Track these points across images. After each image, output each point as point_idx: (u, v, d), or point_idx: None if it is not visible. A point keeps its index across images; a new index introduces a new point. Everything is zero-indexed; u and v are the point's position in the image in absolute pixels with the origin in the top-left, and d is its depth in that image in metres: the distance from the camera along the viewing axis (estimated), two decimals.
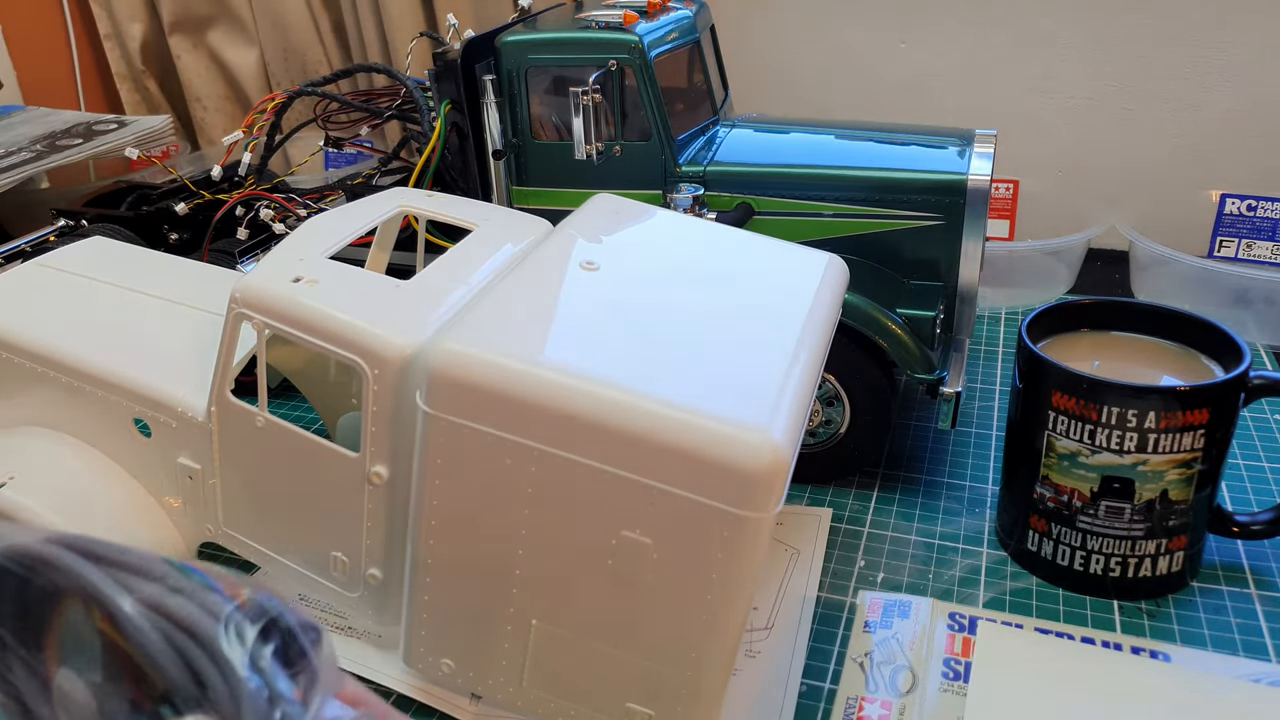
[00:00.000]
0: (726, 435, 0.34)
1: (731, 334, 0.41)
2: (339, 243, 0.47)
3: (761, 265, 0.47)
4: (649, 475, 0.35)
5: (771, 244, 0.50)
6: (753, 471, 0.34)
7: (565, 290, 0.42)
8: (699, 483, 0.35)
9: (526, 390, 0.36)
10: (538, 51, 0.61)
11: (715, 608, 0.37)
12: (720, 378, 0.37)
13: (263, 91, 1.22)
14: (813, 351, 0.41)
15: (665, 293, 0.43)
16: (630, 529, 0.37)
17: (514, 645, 0.41)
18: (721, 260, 0.47)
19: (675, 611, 0.38)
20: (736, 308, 0.43)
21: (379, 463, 0.42)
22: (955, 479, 0.62)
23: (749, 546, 0.36)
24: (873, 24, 1.04)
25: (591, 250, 0.46)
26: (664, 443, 0.35)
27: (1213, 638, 0.49)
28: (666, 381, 0.37)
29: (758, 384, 0.37)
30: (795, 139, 0.67)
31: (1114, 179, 1.00)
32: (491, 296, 0.41)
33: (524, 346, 0.38)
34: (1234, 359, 0.50)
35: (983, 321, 0.83)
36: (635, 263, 0.46)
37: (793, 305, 0.44)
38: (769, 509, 0.35)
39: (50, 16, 1.20)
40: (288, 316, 0.43)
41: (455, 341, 0.38)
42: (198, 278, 0.57)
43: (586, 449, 0.36)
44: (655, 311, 0.42)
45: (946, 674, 0.47)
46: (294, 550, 0.48)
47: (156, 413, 0.48)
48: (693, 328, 0.41)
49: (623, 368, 0.37)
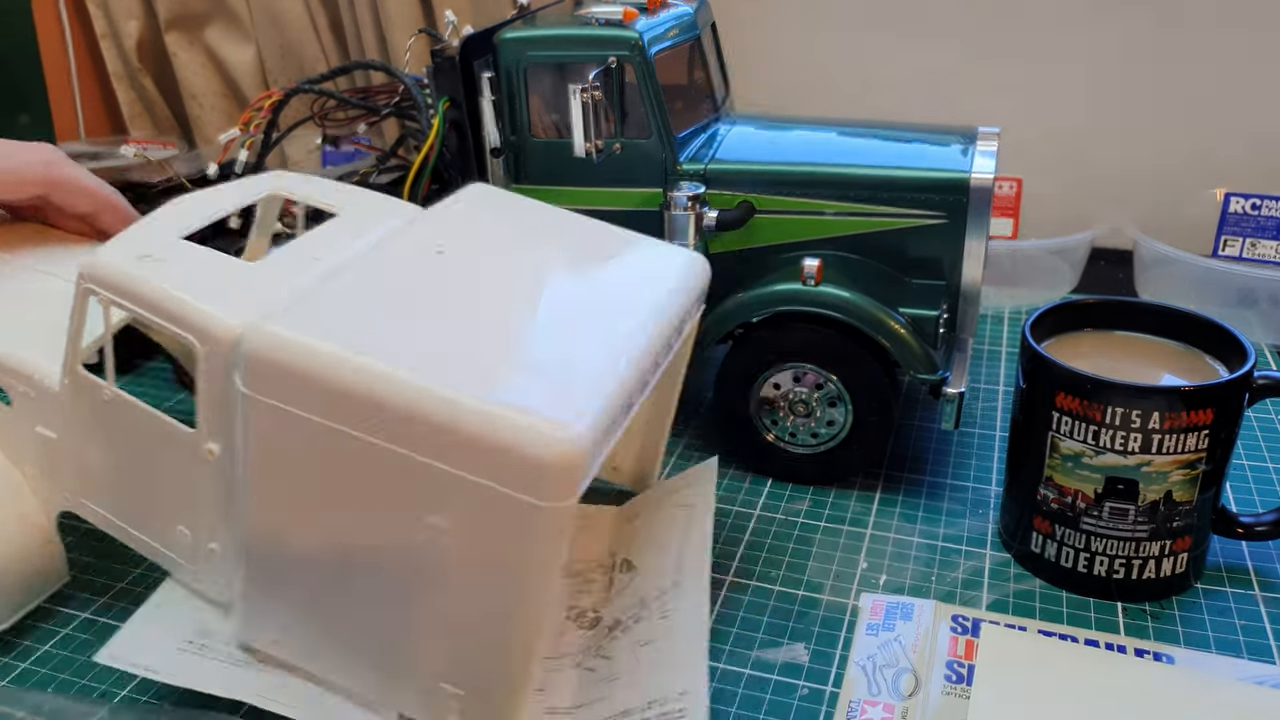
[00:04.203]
0: (524, 426, 0.35)
1: (562, 326, 0.42)
2: (199, 223, 0.48)
3: (618, 260, 0.49)
4: (449, 462, 0.36)
5: (636, 240, 0.51)
6: (548, 463, 0.35)
7: (406, 277, 0.44)
8: (496, 471, 0.36)
9: (336, 375, 0.37)
10: (537, 48, 0.61)
11: (517, 595, 0.38)
12: (536, 369, 0.39)
13: (260, 89, 1.22)
14: (645, 348, 0.42)
15: (509, 284, 0.45)
16: (434, 514, 0.38)
17: (332, 624, 0.42)
18: (578, 253, 0.49)
19: (479, 597, 0.39)
20: (577, 301, 0.44)
21: (212, 439, 0.43)
22: (958, 480, 0.62)
23: (548, 536, 0.37)
24: (874, 20, 1.03)
25: (446, 239, 0.47)
26: (463, 431, 0.36)
27: (1217, 640, 0.49)
28: (478, 371, 0.38)
29: (572, 377, 0.39)
30: (797, 137, 0.67)
31: (1118, 178, 0.99)
32: (332, 280, 0.43)
33: (345, 331, 0.39)
34: (1238, 359, 0.50)
35: (986, 321, 0.83)
36: (488, 253, 0.47)
37: (636, 301, 0.45)
38: (566, 500, 0.36)
39: (46, 14, 1.20)
40: (129, 292, 0.44)
41: (275, 324, 0.39)
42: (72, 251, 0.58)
43: (391, 435, 0.37)
44: (492, 301, 0.43)
45: (949, 677, 0.46)
46: (142, 521, 0.48)
47: (15, 381, 0.49)
48: (525, 318, 0.42)
49: (438, 356, 0.38)
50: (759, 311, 0.59)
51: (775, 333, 0.59)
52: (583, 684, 0.45)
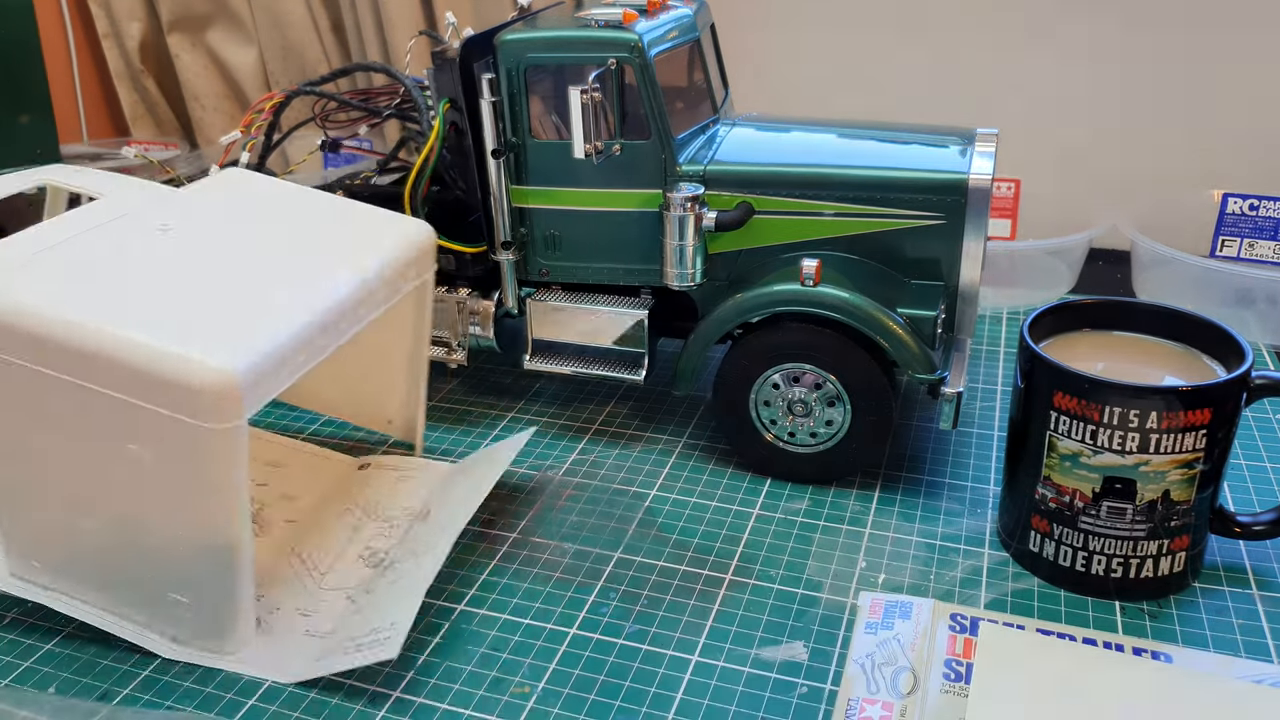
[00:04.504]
0: (186, 361, 0.44)
1: (255, 285, 0.50)
2: None
3: (340, 229, 0.57)
4: (135, 395, 0.44)
5: (367, 212, 0.60)
6: (205, 390, 0.43)
7: (122, 247, 0.51)
8: (168, 400, 0.44)
9: (38, 325, 0.45)
10: (537, 50, 0.61)
11: (209, 509, 0.46)
12: (212, 318, 0.47)
13: (261, 90, 1.22)
14: (335, 301, 0.51)
15: (222, 252, 0.53)
16: (132, 442, 0.46)
17: (74, 547, 0.50)
18: (303, 225, 0.57)
19: (180, 511, 0.47)
20: (281, 264, 0.53)
21: None
22: (956, 479, 0.62)
23: (221, 454, 0.45)
24: (875, 23, 1.03)
25: (176, 217, 0.55)
26: (140, 368, 0.44)
27: (1215, 639, 0.49)
28: (158, 320, 0.46)
29: (243, 324, 0.47)
30: (796, 138, 0.67)
31: (1116, 178, 0.99)
32: (63, 247, 0.50)
33: (53, 290, 0.46)
34: (1236, 359, 0.50)
35: (984, 321, 0.83)
36: (214, 227, 0.55)
37: (341, 263, 0.54)
38: (228, 422, 0.44)
39: (48, 15, 1.20)
40: None
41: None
42: None
43: (86, 374, 0.45)
44: (196, 267, 0.51)
45: (948, 675, 0.47)
46: None
47: None
48: (222, 279, 0.50)
49: (127, 309, 0.46)
50: (758, 312, 0.60)
51: (774, 333, 0.59)
52: (344, 613, 0.52)
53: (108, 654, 0.50)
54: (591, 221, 0.64)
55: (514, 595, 0.54)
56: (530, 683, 0.48)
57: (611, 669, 0.49)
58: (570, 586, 0.54)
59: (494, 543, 0.58)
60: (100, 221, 0.54)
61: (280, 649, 0.50)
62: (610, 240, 0.64)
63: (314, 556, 0.56)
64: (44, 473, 0.48)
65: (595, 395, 0.74)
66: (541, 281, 0.67)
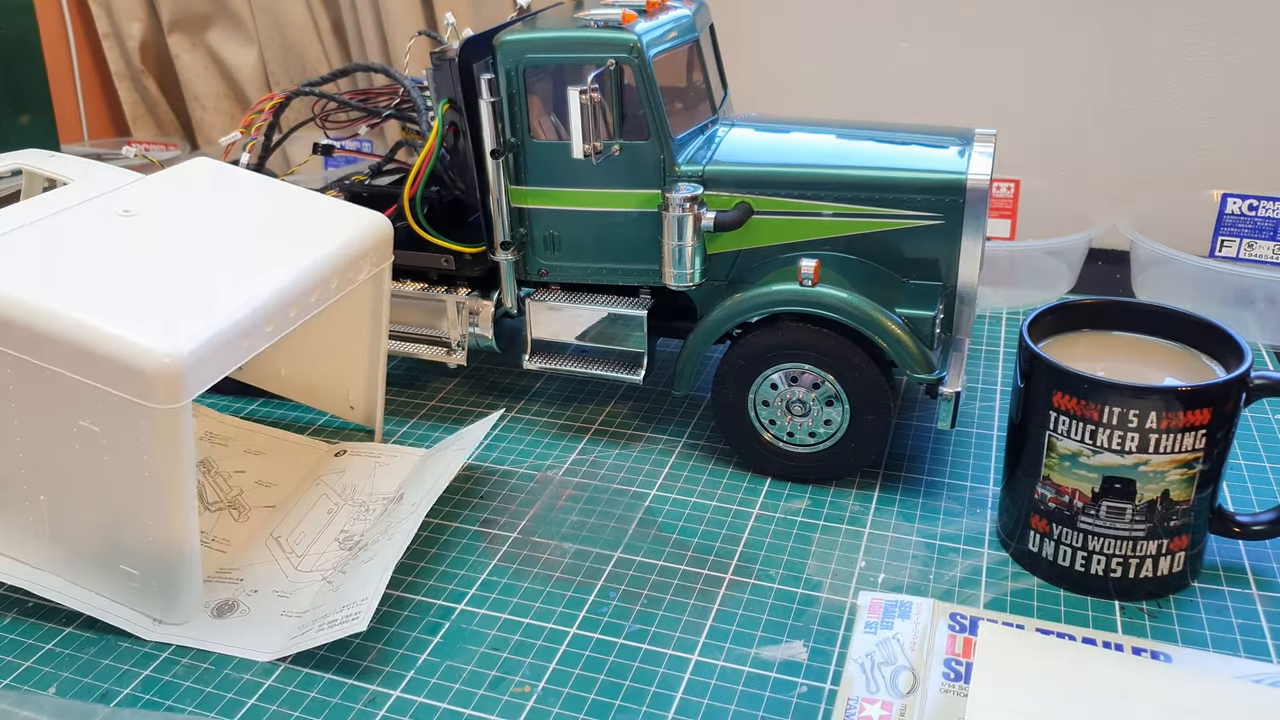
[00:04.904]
0: (132, 343, 0.45)
1: (207, 270, 0.52)
2: None
3: (300, 221, 0.59)
4: (85, 375, 0.46)
5: (328, 205, 0.61)
6: (149, 372, 0.45)
7: (82, 232, 0.53)
8: (116, 380, 0.46)
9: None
10: (536, 50, 0.61)
11: (155, 485, 0.48)
12: (164, 301, 0.49)
13: (262, 91, 1.22)
14: (286, 287, 0.53)
15: (181, 238, 0.54)
16: (84, 419, 0.47)
17: (36, 520, 0.52)
18: (264, 215, 0.59)
19: (131, 486, 0.48)
20: (236, 251, 0.54)
21: None
22: (956, 479, 0.62)
23: (165, 433, 0.46)
24: (873, 23, 1.03)
25: (139, 203, 0.57)
26: (90, 348, 0.46)
27: (1214, 638, 0.49)
28: (108, 303, 0.47)
29: (191, 308, 0.48)
30: (794, 138, 0.67)
31: (1115, 179, 0.99)
32: (26, 230, 0.52)
33: (12, 272, 0.48)
34: (1235, 359, 0.50)
35: (984, 321, 0.83)
36: (177, 214, 0.57)
37: (297, 252, 0.55)
38: (171, 403, 0.46)
39: (49, 15, 1.20)
40: None
41: None
42: None
43: (40, 353, 0.47)
44: (153, 252, 0.53)
45: (948, 675, 0.47)
46: None
47: None
48: (173, 264, 0.52)
49: (82, 291, 0.48)
50: (756, 312, 0.60)
51: (773, 333, 0.59)
52: (320, 594, 0.53)
53: (108, 654, 0.50)
54: (590, 222, 0.64)
55: (514, 595, 0.54)
56: (530, 682, 0.48)
57: (611, 669, 0.49)
58: (570, 586, 0.54)
59: (494, 543, 0.58)
60: (66, 206, 0.55)
61: (258, 629, 0.52)
62: (609, 240, 0.64)
63: (291, 540, 0.58)
64: (6, 448, 0.50)
65: (595, 395, 0.74)
66: (541, 281, 0.67)
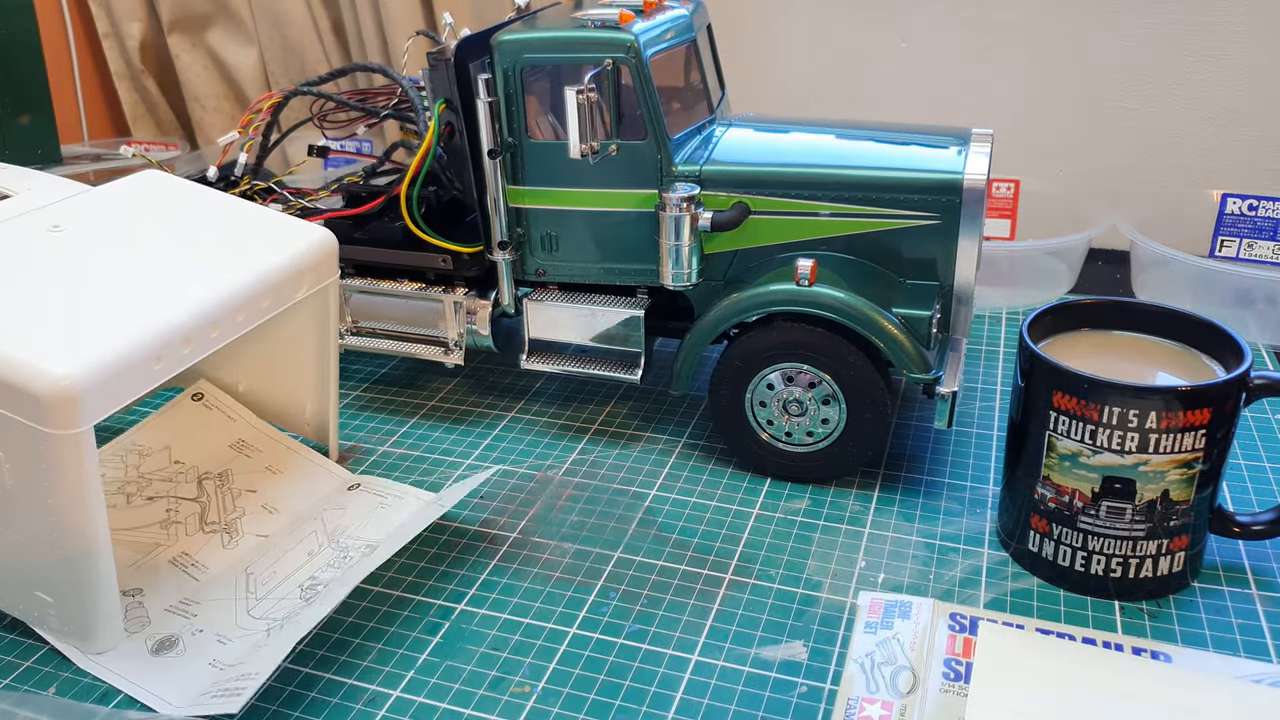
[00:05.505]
0: (28, 368, 0.44)
1: (128, 288, 0.50)
2: None
3: (241, 236, 0.57)
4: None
5: (274, 220, 0.59)
6: (44, 397, 0.44)
7: (9, 247, 0.52)
8: (15, 405, 0.44)
9: None
10: (533, 50, 0.61)
11: (59, 512, 0.46)
12: (71, 322, 0.47)
13: (261, 91, 1.22)
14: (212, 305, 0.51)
15: (108, 255, 0.53)
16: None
17: None
18: (203, 230, 0.57)
19: (37, 513, 0.47)
20: (165, 268, 0.53)
21: None
22: (956, 479, 0.62)
23: (64, 459, 0.45)
24: (872, 23, 1.03)
25: (73, 219, 0.55)
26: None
27: (1214, 638, 0.49)
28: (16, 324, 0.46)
29: (99, 329, 0.47)
30: (792, 138, 0.67)
31: (1115, 178, 0.99)
32: None
33: None
34: (1235, 359, 0.50)
35: (983, 321, 0.83)
36: (110, 230, 0.55)
37: (229, 268, 0.54)
38: (70, 428, 0.44)
39: (49, 15, 1.20)
40: None
41: None
42: None
43: None
44: (75, 269, 0.51)
45: (948, 674, 0.47)
46: None
47: None
48: (92, 283, 0.50)
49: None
50: (753, 311, 0.60)
51: (769, 333, 0.59)
52: (253, 648, 0.50)
53: None
54: (588, 222, 0.64)
55: (514, 595, 0.54)
56: (530, 682, 0.48)
57: (611, 669, 0.49)
58: (570, 586, 0.54)
59: (494, 543, 0.58)
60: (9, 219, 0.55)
61: (179, 676, 0.49)
62: (606, 240, 0.64)
63: (260, 579, 0.55)
64: None
65: (595, 395, 0.74)
66: (538, 281, 0.67)
